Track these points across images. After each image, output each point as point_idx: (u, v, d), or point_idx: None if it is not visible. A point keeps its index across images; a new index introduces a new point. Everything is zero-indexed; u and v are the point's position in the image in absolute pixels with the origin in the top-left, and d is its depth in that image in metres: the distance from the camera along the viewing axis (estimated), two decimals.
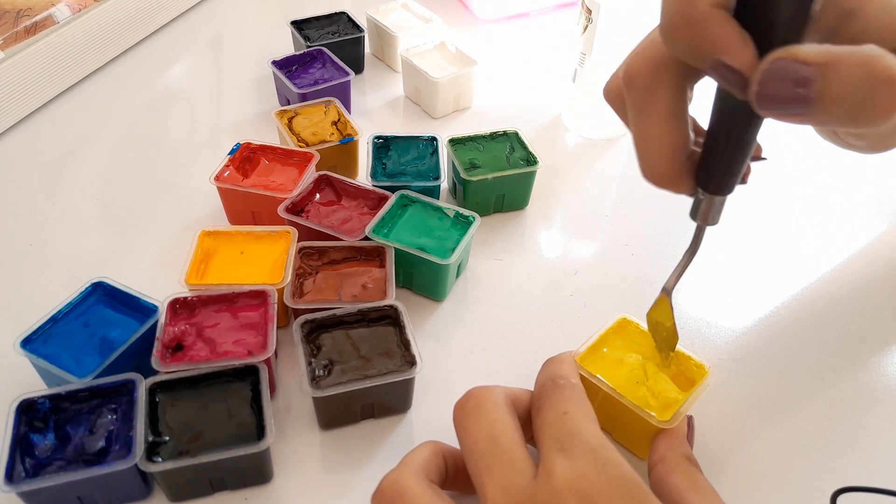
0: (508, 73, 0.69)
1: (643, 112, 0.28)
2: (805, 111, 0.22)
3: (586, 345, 0.37)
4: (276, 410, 0.40)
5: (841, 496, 0.35)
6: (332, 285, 0.43)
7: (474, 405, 0.31)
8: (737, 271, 0.49)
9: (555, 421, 0.30)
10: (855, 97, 0.22)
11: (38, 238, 0.50)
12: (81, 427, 0.35)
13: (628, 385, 0.36)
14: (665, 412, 0.35)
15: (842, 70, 0.22)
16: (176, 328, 0.39)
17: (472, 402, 0.31)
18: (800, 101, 0.22)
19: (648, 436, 0.35)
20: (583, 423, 0.29)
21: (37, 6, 0.61)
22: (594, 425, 0.30)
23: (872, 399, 0.41)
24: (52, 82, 0.62)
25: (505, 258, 0.50)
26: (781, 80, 0.22)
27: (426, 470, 0.31)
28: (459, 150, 0.52)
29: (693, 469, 0.32)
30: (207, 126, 0.63)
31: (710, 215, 0.30)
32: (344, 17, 0.68)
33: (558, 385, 0.32)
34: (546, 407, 0.31)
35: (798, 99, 0.22)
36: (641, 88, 0.28)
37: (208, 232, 0.44)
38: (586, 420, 0.30)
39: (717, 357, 0.43)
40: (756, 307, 0.47)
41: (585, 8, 0.54)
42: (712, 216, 0.30)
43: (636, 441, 0.37)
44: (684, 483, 0.31)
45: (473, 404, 0.31)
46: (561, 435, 0.29)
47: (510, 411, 0.31)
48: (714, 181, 0.28)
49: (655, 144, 0.28)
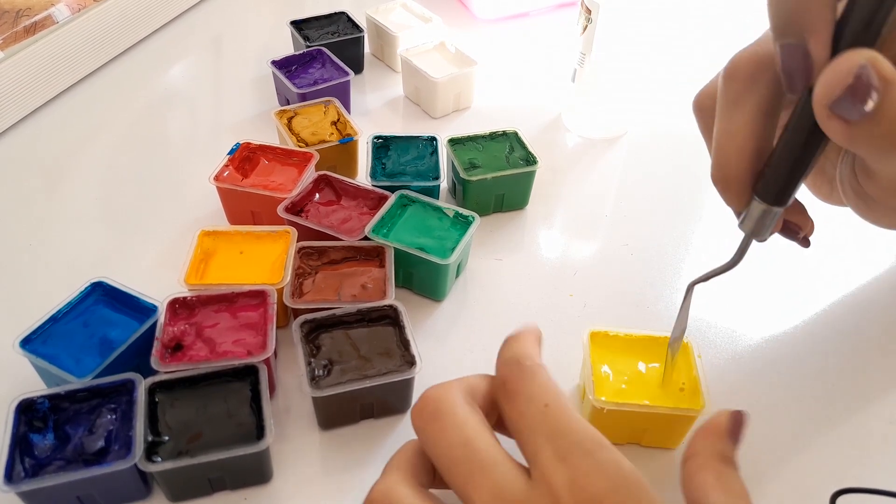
0: (508, 73, 0.69)
1: (737, 106, 0.28)
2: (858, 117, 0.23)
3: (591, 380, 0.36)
4: (275, 410, 0.40)
5: (840, 497, 0.35)
6: (331, 285, 0.43)
7: (434, 409, 0.29)
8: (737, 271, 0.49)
9: (536, 415, 0.28)
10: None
11: (38, 238, 0.50)
12: (81, 427, 0.35)
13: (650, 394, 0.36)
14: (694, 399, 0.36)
15: None
16: (175, 328, 0.39)
17: (430, 405, 0.29)
18: (858, 104, 0.23)
19: (686, 428, 0.36)
20: (570, 418, 0.28)
21: (36, 6, 0.61)
22: (580, 418, 0.28)
23: (872, 399, 0.41)
24: (51, 82, 0.62)
25: (505, 258, 0.50)
26: (849, 79, 0.23)
27: (415, 474, 0.29)
28: (459, 149, 0.52)
29: (724, 467, 0.30)
30: (207, 126, 0.63)
31: (760, 228, 0.29)
32: (343, 17, 0.68)
33: (525, 367, 0.30)
34: (521, 396, 0.29)
35: (857, 101, 0.23)
36: (741, 80, 0.28)
37: (208, 232, 0.44)
38: (572, 413, 0.28)
39: (717, 357, 0.43)
40: (756, 307, 0.47)
41: (585, 8, 0.54)
42: (763, 229, 0.29)
43: (672, 436, 0.38)
44: (711, 481, 0.29)
45: (433, 408, 0.29)
46: (552, 434, 0.27)
47: (474, 409, 0.29)
48: (773, 189, 0.28)
49: (738, 141, 0.28)
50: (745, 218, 0.30)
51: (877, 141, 0.24)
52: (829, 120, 0.24)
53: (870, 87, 0.23)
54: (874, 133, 0.23)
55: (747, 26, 0.72)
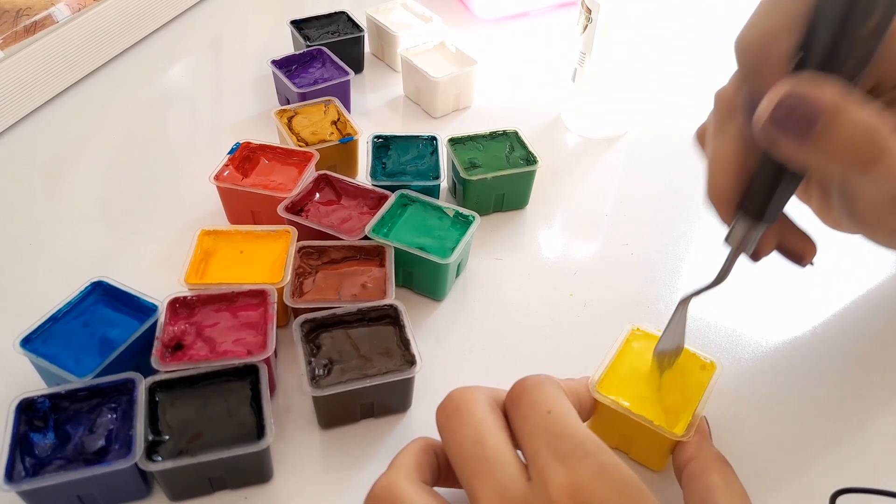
0: (508, 72, 0.69)
1: (721, 130, 0.31)
2: (802, 143, 0.25)
3: (602, 369, 0.36)
4: (275, 410, 0.40)
5: (840, 497, 0.35)
6: (331, 285, 0.43)
7: (455, 407, 0.30)
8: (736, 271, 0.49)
9: (539, 421, 0.29)
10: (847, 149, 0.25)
11: (38, 238, 0.50)
12: (81, 426, 0.35)
13: (642, 402, 0.35)
14: (679, 424, 0.34)
15: (844, 122, 0.24)
16: (175, 327, 0.39)
17: (453, 403, 0.31)
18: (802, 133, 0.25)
19: (666, 449, 0.35)
20: (571, 422, 0.29)
21: (36, 6, 0.61)
22: (581, 424, 0.29)
23: (872, 399, 0.41)
24: (51, 82, 0.62)
25: (505, 258, 0.50)
26: (790, 111, 0.25)
27: (418, 470, 0.30)
28: (459, 149, 0.52)
29: (726, 468, 0.32)
30: (207, 126, 0.63)
31: (743, 243, 0.31)
32: (344, 16, 0.68)
33: (534, 379, 0.31)
34: (524, 403, 0.30)
35: (801, 131, 0.25)
36: (723, 109, 0.31)
37: (208, 231, 0.44)
38: (573, 419, 0.29)
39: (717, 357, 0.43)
40: (756, 307, 0.47)
41: (585, 7, 0.54)
42: (747, 244, 0.31)
43: (654, 455, 0.36)
44: (718, 481, 0.31)
45: (455, 406, 0.30)
46: (552, 437, 0.28)
47: (494, 412, 0.30)
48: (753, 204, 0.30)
49: (723, 163, 0.31)
50: (730, 233, 0.31)
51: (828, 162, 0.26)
52: (773, 146, 0.26)
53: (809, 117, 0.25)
54: (821, 155, 0.25)
55: None
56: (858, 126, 0.24)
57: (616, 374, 0.37)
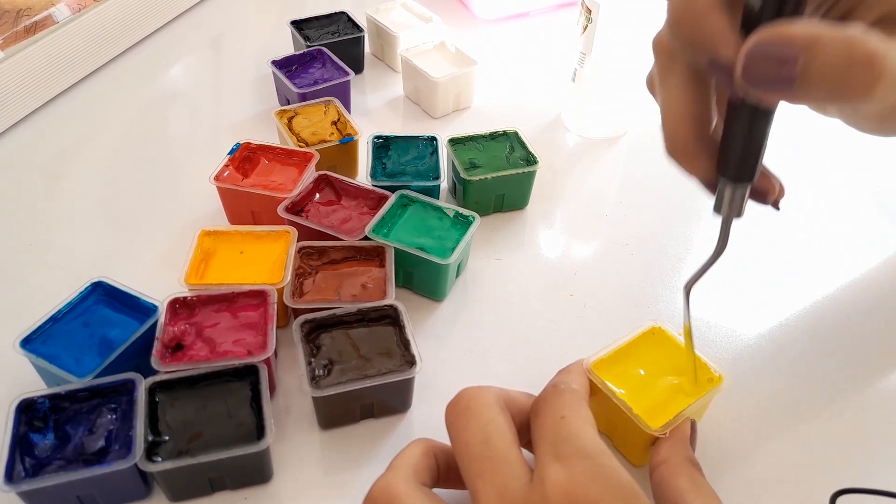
0: (508, 72, 0.69)
1: (667, 76, 0.29)
2: (788, 90, 0.23)
3: (605, 351, 0.37)
4: (275, 410, 0.40)
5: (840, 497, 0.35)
6: (331, 285, 0.43)
7: (465, 406, 0.31)
8: (736, 271, 0.49)
9: (551, 426, 0.29)
10: (835, 77, 0.22)
11: (38, 238, 0.50)
12: (81, 427, 0.35)
13: (634, 392, 0.36)
14: (658, 420, 0.34)
15: (825, 50, 0.22)
16: (176, 328, 0.39)
17: (463, 402, 0.31)
18: (784, 81, 0.23)
19: (645, 443, 0.35)
20: (580, 427, 0.29)
21: (36, 6, 0.61)
22: (592, 431, 0.29)
23: (872, 399, 0.41)
24: (51, 82, 0.62)
25: (505, 258, 0.50)
26: (766, 61, 0.23)
27: (417, 472, 0.30)
28: (459, 149, 0.52)
29: (696, 472, 0.32)
30: (207, 126, 0.63)
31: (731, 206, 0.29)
32: (344, 16, 0.68)
33: (558, 390, 0.32)
34: (543, 411, 0.30)
35: (782, 79, 0.23)
36: (664, 52, 0.29)
37: (208, 232, 0.44)
38: (584, 425, 0.29)
39: (717, 357, 0.43)
40: (756, 307, 0.47)
41: (585, 8, 0.54)
42: (735, 207, 0.29)
43: (635, 448, 0.37)
44: (686, 485, 0.31)
45: (464, 405, 0.31)
46: (557, 440, 0.28)
47: (503, 412, 0.30)
48: (731, 165, 0.28)
49: (677, 108, 0.28)
50: (716, 200, 0.30)
51: (824, 97, 0.23)
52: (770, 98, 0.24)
53: (784, 59, 0.22)
54: (815, 92, 0.23)
55: None
56: (842, 47, 0.22)
57: (620, 361, 0.37)
